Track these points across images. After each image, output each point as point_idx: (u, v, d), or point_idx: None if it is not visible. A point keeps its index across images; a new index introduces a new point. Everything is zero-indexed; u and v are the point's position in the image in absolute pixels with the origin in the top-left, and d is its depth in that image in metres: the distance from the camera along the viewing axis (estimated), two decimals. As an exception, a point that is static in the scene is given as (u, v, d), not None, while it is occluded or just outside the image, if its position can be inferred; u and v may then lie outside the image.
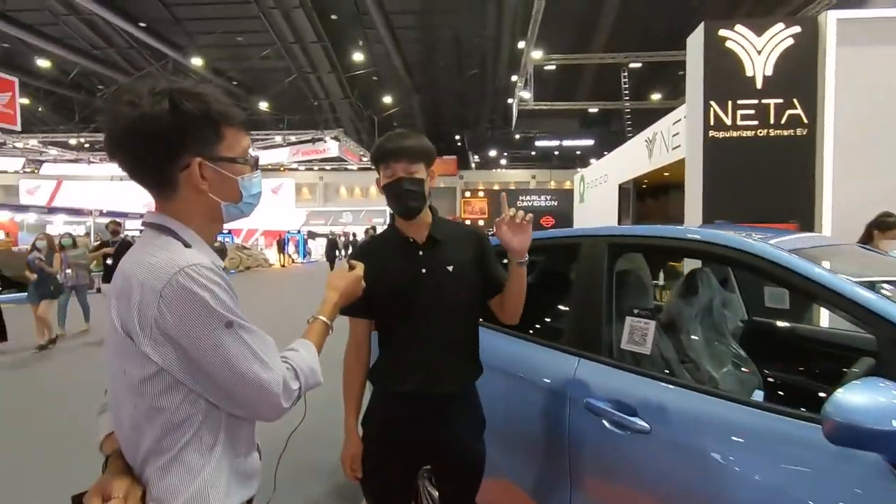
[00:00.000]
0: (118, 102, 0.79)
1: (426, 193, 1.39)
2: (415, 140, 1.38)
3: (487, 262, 1.46)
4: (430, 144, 1.42)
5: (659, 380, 1.37)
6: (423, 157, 1.38)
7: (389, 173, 1.38)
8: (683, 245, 1.56)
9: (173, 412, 0.79)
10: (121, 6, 15.95)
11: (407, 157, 1.36)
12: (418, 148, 1.37)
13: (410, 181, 1.36)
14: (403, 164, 1.36)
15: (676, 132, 7.05)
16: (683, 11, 14.82)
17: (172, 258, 0.78)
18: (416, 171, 1.36)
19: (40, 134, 23.64)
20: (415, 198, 1.37)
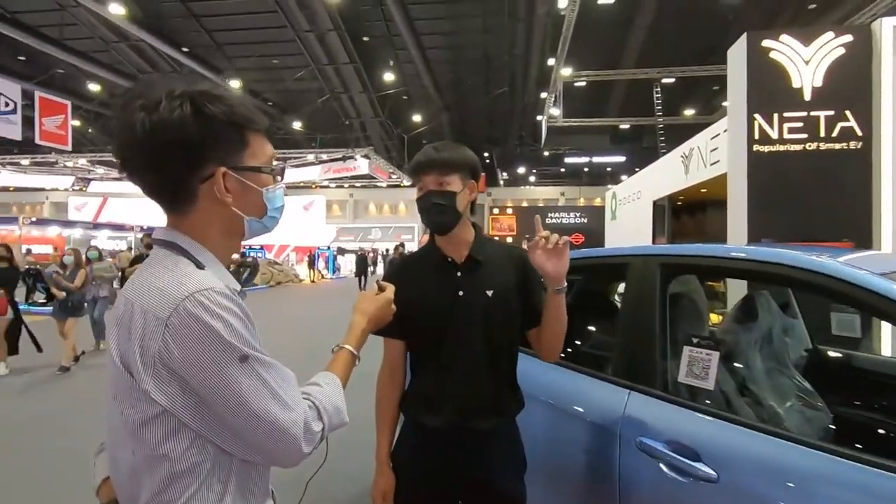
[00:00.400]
0: (131, 108, 0.71)
1: (458, 207, 1.27)
2: (448, 151, 1.29)
3: (531, 289, 1.34)
4: (467, 155, 1.31)
5: (725, 419, 1.22)
6: (455, 168, 1.28)
7: (420, 186, 1.31)
8: (754, 268, 1.36)
9: (177, 460, 0.69)
10: (167, 33, 16.77)
11: (437, 169, 1.27)
12: (450, 159, 1.28)
13: (438, 194, 1.26)
14: (433, 176, 1.27)
15: (715, 147, 6.79)
16: (716, 26, 14.53)
17: (181, 282, 0.69)
18: (447, 183, 1.27)
19: (89, 153, 24.87)
20: (442, 212, 1.27)
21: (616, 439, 1.36)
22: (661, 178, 9.45)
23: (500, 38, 18.30)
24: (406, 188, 29.40)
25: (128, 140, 0.72)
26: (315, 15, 16.81)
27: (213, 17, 18.00)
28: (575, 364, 1.75)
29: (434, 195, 1.27)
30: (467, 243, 1.33)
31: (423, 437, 1.32)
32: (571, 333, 1.36)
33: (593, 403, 1.50)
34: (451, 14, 17.83)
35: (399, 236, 26.96)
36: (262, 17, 17.06)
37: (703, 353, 1.20)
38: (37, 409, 4.55)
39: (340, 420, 0.83)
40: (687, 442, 1.20)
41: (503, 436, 1.32)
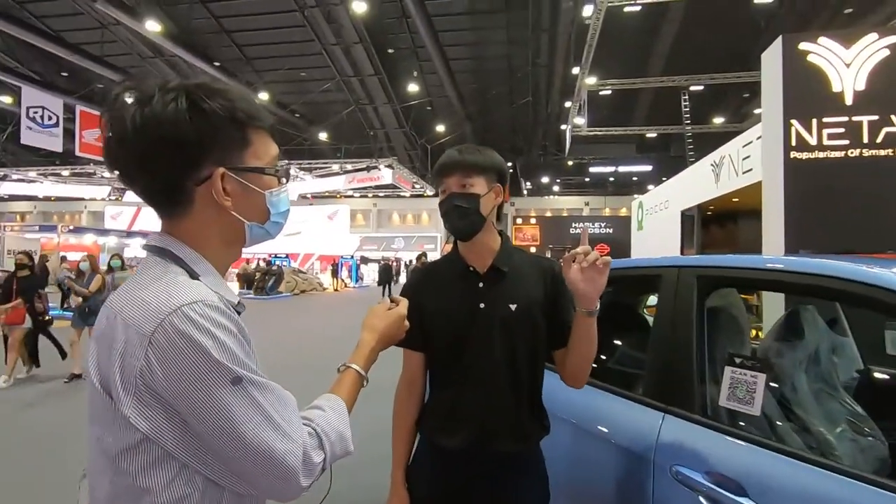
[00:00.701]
0: (123, 102, 0.65)
1: (482, 210, 1.19)
2: (473, 153, 1.22)
3: (560, 306, 1.23)
4: (493, 157, 1.23)
5: (773, 448, 1.10)
6: (480, 170, 1.20)
7: (443, 189, 1.23)
8: (803, 280, 1.21)
9: (161, 493, 0.62)
10: (200, 48, 17.35)
11: (460, 170, 1.20)
12: (474, 160, 1.20)
13: (461, 196, 1.18)
14: (456, 177, 1.20)
15: (747, 155, 6.56)
16: (746, 32, 14.20)
17: (169, 293, 0.62)
18: (470, 185, 1.19)
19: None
20: (464, 215, 1.18)
21: (649, 466, 1.25)
22: (690, 188, 9.19)
23: (523, 49, 18.30)
24: (429, 198, 29.50)
25: (117, 136, 0.65)
26: (341, 28, 17.14)
27: (244, 32, 18.58)
28: (601, 381, 1.64)
29: (456, 197, 1.19)
30: (492, 252, 1.24)
31: (438, 459, 1.24)
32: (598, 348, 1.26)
33: (623, 425, 1.39)
34: (474, 26, 17.95)
35: (421, 245, 27.00)
36: (290, 31, 17.51)
37: (748, 375, 1.09)
38: (40, 419, 4.41)
39: (344, 449, 0.75)
40: (730, 473, 1.09)
41: (524, 463, 1.22)
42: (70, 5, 15.80)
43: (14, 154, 25.35)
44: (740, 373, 1.11)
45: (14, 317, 5.53)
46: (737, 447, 1.14)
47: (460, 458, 1.19)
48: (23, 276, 5.76)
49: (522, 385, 1.20)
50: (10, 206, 33.90)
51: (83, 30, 17.56)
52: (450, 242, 1.36)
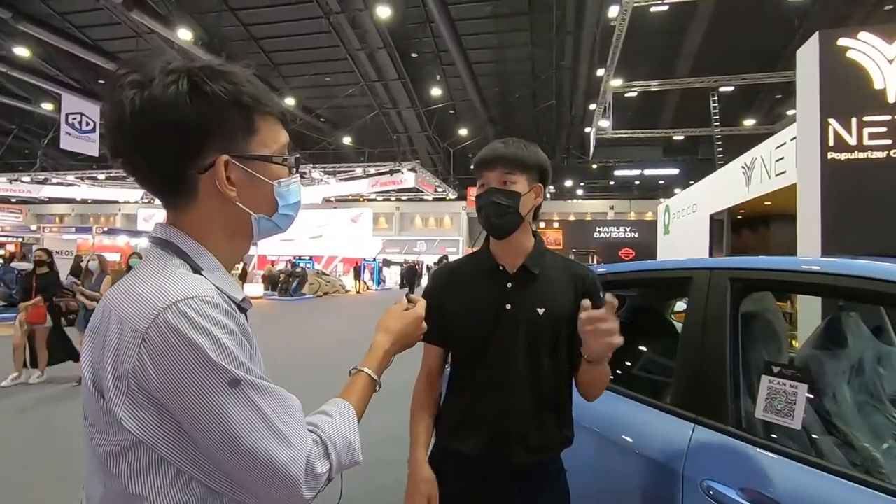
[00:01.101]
0: (122, 85, 0.61)
1: (522, 210, 1.14)
2: (516, 147, 1.15)
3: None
4: (538, 154, 1.17)
5: (814, 465, 1.02)
6: (522, 167, 1.14)
7: (481, 183, 1.17)
8: (850, 284, 1.12)
9: (155, 500, 0.58)
10: (228, 55, 17.76)
11: (503, 164, 1.14)
12: (518, 155, 1.14)
13: (501, 193, 1.13)
14: (497, 172, 1.14)
15: (780, 157, 6.34)
16: (778, 31, 13.78)
17: (165, 288, 0.58)
18: (512, 182, 1.13)
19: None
20: (502, 213, 1.13)
21: (678, 480, 1.18)
22: (720, 191, 8.94)
23: (547, 51, 18.17)
24: (451, 201, 29.50)
25: (116, 121, 0.61)
26: (366, 34, 17.34)
27: (271, 39, 18.99)
28: (626, 389, 1.57)
29: (496, 193, 1.14)
30: (524, 252, 1.19)
31: (452, 464, 1.19)
32: (623, 354, 1.21)
33: (650, 436, 1.32)
34: (498, 29, 17.92)
35: (443, 249, 27.02)
36: (316, 37, 17.79)
37: (788, 386, 1.01)
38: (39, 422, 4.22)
39: (352, 459, 0.69)
40: (767, 490, 1.01)
41: (542, 474, 1.16)
42: (107, 15, 16.41)
43: (54, 159, 26.42)
44: (779, 382, 1.03)
45: (35, 316, 5.35)
46: (775, 462, 1.06)
47: (475, 464, 1.15)
48: (42, 274, 5.54)
49: (544, 392, 1.15)
50: (51, 208, 35.33)
51: (119, 39, 18.22)
52: (481, 241, 1.31)
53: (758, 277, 1.32)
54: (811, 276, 1.26)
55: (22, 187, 26.58)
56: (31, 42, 16.37)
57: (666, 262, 1.68)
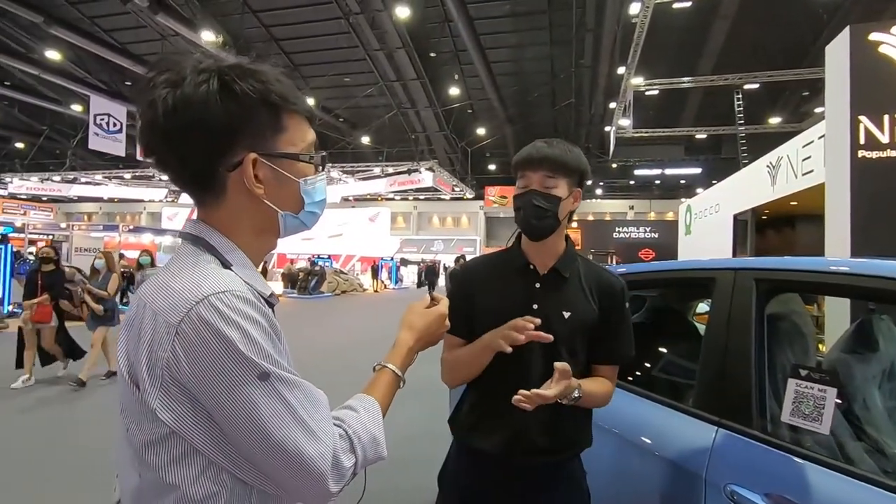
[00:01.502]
0: (156, 85, 0.62)
1: (560, 214, 1.14)
2: (561, 149, 1.15)
3: (610, 328, 1.17)
4: (581, 159, 1.17)
5: (844, 471, 0.99)
6: (566, 171, 1.14)
7: (523, 183, 1.17)
8: (886, 286, 1.08)
9: (188, 489, 0.59)
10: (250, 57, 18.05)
11: (547, 166, 1.13)
12: (563, 159, 1.13)
13: (542, 196, 1.13)
14: (541, 174, 1.14)
15: (808, 155, 6.18)
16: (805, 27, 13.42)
17: (198, 282, 0.60)
18: (553, 185, 1.13)
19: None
20: (542, 217, 1.13)
21: (700, 484, 1.16)
22: (744, 191, 8.75)
23: (566, 50, 18.02)
24: (468, 201, 29.47)
25: (149, 120, 0.63)
26: (385, 34, 17.43)
27: (292, 41, 19.24)
28: (646, 390, 1.55)
29: (537, 196, 1.13)
30: (555, 254, 1.19)
31: (470, 462, 1.19)
32: (643, 355, 1.19)
33: (671, 438, 1.30)
34: (517, 28, 17.84)
35: (461, 248, 27.03)
36: (336, 38, 17.97)
37: (816, 389, 0.99)
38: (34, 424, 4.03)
39: (377, 454, 0.70)
40: (794, 496, 0.99)
41: (563, 475, 1.16)
42: (134, 19, 16.83)
43: (83, 158, 27.21)
44: (806, 386, 1.01)
45: (41, 315, 5.07)
46: (802, 468, 1.03)
47: (493, 463, 1.14)
48: (48, 272, 5.27)
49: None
50: (79, 206, 36.40)
51: (145, 41, 18.66)
52: (507, 243, 1.30)
53: (784, 278, 1.29)
54: (840, 278, 1.23)
55: (52, 186, 27.45)
56: (62, 45, 16.89)
57: (689, 262, 1.65)
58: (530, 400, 0.99)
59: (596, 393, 1.13)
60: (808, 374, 1.01)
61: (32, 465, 3.22)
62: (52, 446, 3.56)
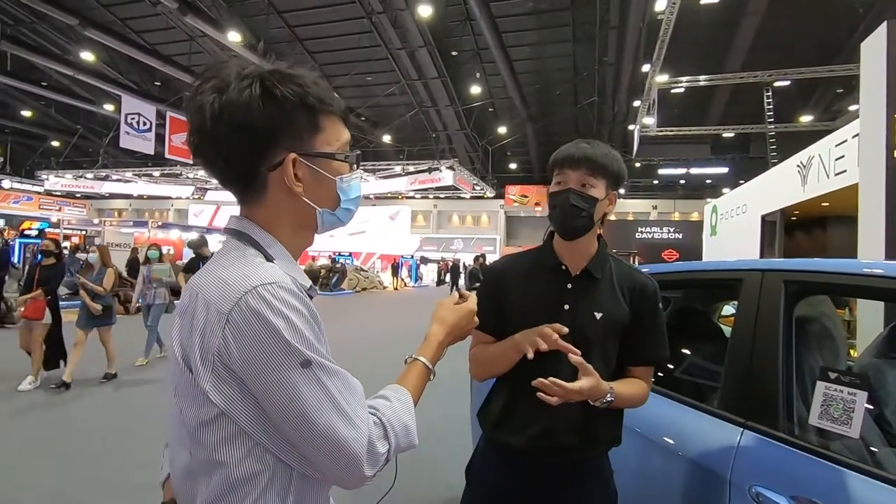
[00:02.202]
0: (203, 91, 0.67)
1: (595, 215, 1.15)
2: (602, 151, 1.15)
3: (641, 328, 1.17)
4: (619, 162, 1.17)
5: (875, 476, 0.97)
6: (605, 173, 1.14)
7: (560, 180, 1.17)
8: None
9: (235, 467, 0.64)
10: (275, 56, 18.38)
11: (587, 166, 1.13)
12: (604, 160, 1.14)
13: (580, 196, 1.13)
14: (580, 173, 1.14)
15: (841, 155, 5.99)
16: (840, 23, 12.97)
17: (246, 274, 0.64)
18: (591, 185, 1.14)
19: (206, 166, 27.86)
20: (578, 216, 1.13)
21: (724, 485, 1.16)
22: (773, 191, 8.53)
23: (590, 47, 17.81)
24: (488, 199, 29.39)
25: (198, 124, 0.68)
26: (407, 32, 17.51)
27: (315, 40, 19.48)
28: (670, 391, 1.54)
29: (575, 195, 1.13)
30: (588, 255, 1.19)
31: (499, 459, 1.20)
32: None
33: (695, 439, 1.29)
34: (539, 25, 17.70)
35: (480, 247, 26.98)
36: (358, 37, 18.11)
37: (846, 392, 0.97)
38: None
39: (409, 442, 0.74)
40: (821, 500, 0.98)
41: (592, 471, 1.16)
42: (164, 20, 17.28)
43: (114, 157, 28.07)
44: (836, 389, 1.00)
45: (33, 310, 4.74)
46: (830, 471, 1.02)
47: (522, 459, 1.16)
48: (47, 266, 4.96)
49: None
50: (110, 203, 37.56)
51: (174, 42, 19.15)
52: (550, 239, 1.29)
53: (813, 280, 1.27)
54: (873, 280, 1.20)
55: (85, 183, 28.42)
56: (96, 47, 17.46)
57: (715, 263, 1.63)
58: (550, 389, 1.00)
59: (629, 394, 1.13)
60: (837, 377, 1.00)
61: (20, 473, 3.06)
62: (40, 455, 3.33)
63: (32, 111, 25.72)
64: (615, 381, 1.13)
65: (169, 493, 0.76)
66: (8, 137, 28.35)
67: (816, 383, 1.04)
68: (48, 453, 3.41)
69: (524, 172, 29.14)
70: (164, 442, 0.80)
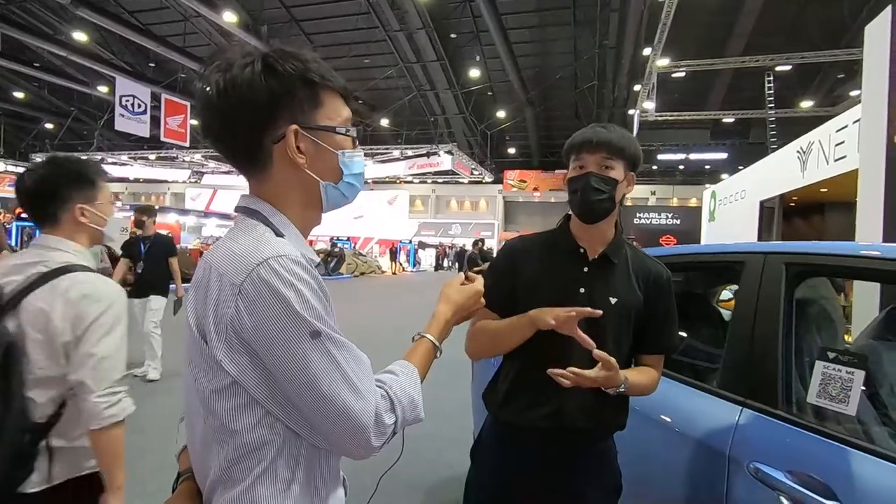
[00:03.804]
0: (210, 71, 0.70)
1: (616, 197, 1.16)
2: (619, 134, 1.16)
3: (657, 315, 1.18)
4: (635, 144, 1.18)
5: (870, 452, 1.01)
6: (623, 155, 1.15)
7: (579, 164, 1.17)
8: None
9: (246, 435, 0.66)
10: (271, 37, 18.11)
11: (605, 149, 1.14)
12: (621, 143, 1.15)
13: (600, 178, 1.14)
14: (599, 156, 1.15)
15: (841, 140, 5.98)
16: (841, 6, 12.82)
17: (257, 247, 0.66)
18: (611, 168, 1.15)
19: (203, 149, 27.64)
20: (600, 199, 1.14)
21: (724, 461, 1.19)
22: (772, 177, 8.53)
23: (590, 30, 17.59)
24: (487, 184, 29.31)
25: (205, 104, 0.71)
26: (405, 14, 17.26)
27: (312, 21, 19.19)
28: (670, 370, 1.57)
29: (595, 178, 1.14)
30: (605, 240, 1.20)
31: (506, 438, 1.22)
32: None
33: (695, 416, 1.33)
34: (539, 7, 17.48)
35: (478, 232, 27.00)
36: (356, 18, 17.84)
37: (843, 372, 1.00)
38: None
39: (415, 415, 0.76)
40: (817, 474, 1.01)
41: (596, 454, 1.19)
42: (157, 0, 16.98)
43: (109, 139, 27.81)
44: (834, 368, 1.02)
45: None
46: (826, 447, 1.06)
47: (529, 439, 1.18)
48: None
49: None
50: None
51: (168, 22, 18.82)
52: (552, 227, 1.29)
53: (814, 262, 1.29)
54: (871, 262, 1.22)
55: (81, 166, 28.12)
56: (88, 27, 17.15)
57: (717, 246, 1.65)
58: (567, 377, 1.02)
59: (642, 383, 1.15)
60: (836, 356, 1.02)
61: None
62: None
63: (25, 93, 25.35)
64: (628, 370, 1.14)
65: (184, 464, 0.79)
66: (1, 119, 28.01)
67: (815, 363, 1.06)
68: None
69: (523, 157, 29.00)
70: (179, 416, 0.82)
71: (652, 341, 1.21)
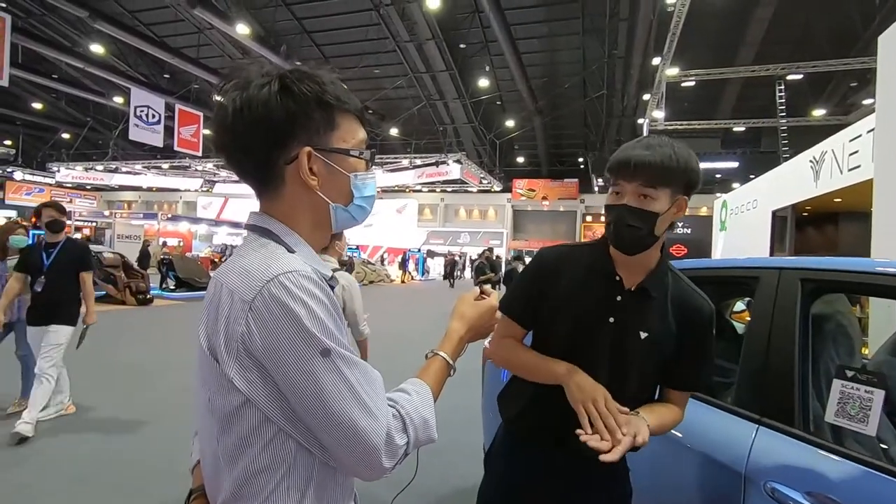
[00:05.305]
0: (228, 90, 0.71)
1: (657, 231, 1.02)
2: (663, 153, 0.98)
3: (691, 352, 1.09)
4: (689, 162, 1.00)
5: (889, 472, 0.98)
6: (668, 180, 0.99)
7: (616, 191, 1.04)
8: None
9: (259, 453, 0.65)
10: (283, 49, 18.40)
11: (645, 176, 0.98)
12: (665, 166, 0.97)
13: (635, 213, 0.99)
14: (636, 184, 0.99)
15: (855, 150, 5.90)
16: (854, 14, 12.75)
17: (268, 264, 0.65)
18: (651, 198, 0.99)
19: (215, 158, 28.00)
20: (633, 236, 1.01)
21: (739, 480, 1.17)
22: (784, 186, 8.43)
23: (599, 40, 17.65)
24: (496, 193, 29.32)
25: (221, 121, 0.71)
26: (415, 25, 17.45)
27: (323, 33, 19.48)
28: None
29: (630, 214, 1.00)
30: (645, 269, 1.08)
31: (517, 448, 1.21)
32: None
33: (710, 434, 1.30)
34: (549, 17, 17.58)
35: (487, 241, 26.96)
36: (366, 29, 18.09)
37: (863, 391, 0.98)
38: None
39: (428, 436, 0.74)
40: (838, 496, 0.99)
41: (607, 471, 1.14)
42: (172, 13, 17.34)
43: (124, 149, 28.29)
44: (853, 387, 1.00)
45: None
46: (846, 467, 1.03)
47: (541, 452, 1.16)
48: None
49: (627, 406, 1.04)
50: (120, 195, 37.87)
51: (182, 34, 19.21)
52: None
53: (830, 279, 1.27)
54: (888, 279, 1.20)
55: (96, 175, 28.65)
56: (105, 39, 17.53)
57: (731, 261, 1.63)
58: (602, 448, 0.92)
59: (664, 425, 1.07)
60: (854, 375, 1.00)
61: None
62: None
63: (43, 103, 25.93)
64: (652, 411, 1.06)
65: (198, 480, 0.79)
66: (19, 129, 28.62)
67: (833, 381, 1.04)
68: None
69: (532, 166, 29.00)
70: (193, 431, 0.82)
71: (679, 378, 1.13)
